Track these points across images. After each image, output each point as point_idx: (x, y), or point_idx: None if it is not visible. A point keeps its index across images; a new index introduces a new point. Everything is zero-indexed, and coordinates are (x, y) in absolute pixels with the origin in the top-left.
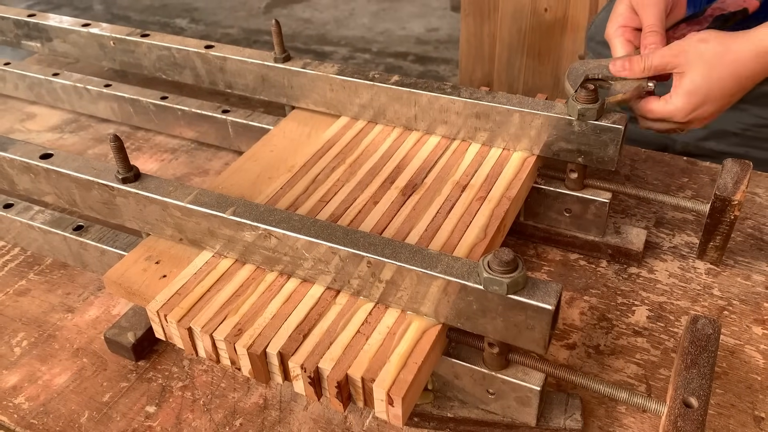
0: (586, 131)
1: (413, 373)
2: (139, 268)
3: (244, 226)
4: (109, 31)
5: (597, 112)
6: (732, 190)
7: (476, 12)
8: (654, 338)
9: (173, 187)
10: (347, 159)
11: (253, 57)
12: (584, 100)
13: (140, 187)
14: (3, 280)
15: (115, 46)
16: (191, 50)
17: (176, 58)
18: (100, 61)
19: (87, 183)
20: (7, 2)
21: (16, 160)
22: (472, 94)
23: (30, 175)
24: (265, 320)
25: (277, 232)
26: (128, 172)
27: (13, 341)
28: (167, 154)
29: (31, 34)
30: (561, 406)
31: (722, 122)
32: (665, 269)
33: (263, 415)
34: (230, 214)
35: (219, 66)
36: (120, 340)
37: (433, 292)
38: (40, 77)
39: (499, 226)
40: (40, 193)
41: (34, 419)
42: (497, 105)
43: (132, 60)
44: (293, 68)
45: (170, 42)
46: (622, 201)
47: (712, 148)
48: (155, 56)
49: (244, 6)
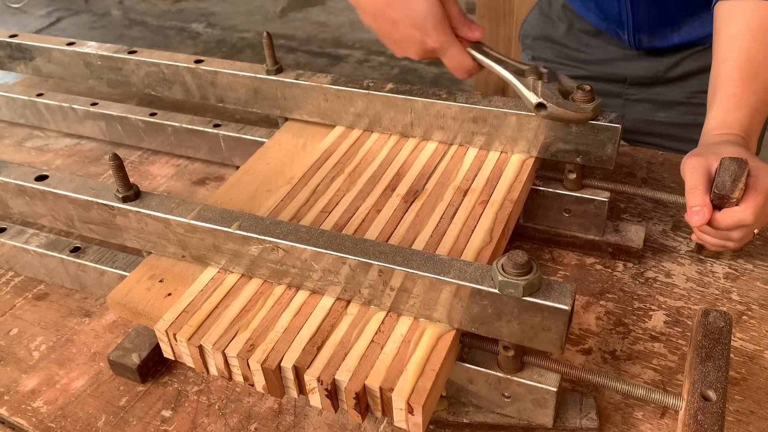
0: (583, 131)
1: (431, 381)
2: (142, 288)
3: (251, 240)
4: (95, 49)
5: (593, 112)
6: (730, 187)
7: (492, 15)
8: (671, 343)
9: (175, 203)
10: (346, 168)
11: (245, 70)
12: (581, 100)
13: (141, 205)
14: (22, 285)
15: (102, 64)
16: (181, 65)
17: (165, 74)
18: (87, 80)
19: (85, 203)
20: (27, 9)
21: (10, 183)
22: (468, 99)
23: (25, 197)
24: (277, 334)
25: (285, 245)
26: (128, 190)
27: (32, 345)
28: (183, 160)
29: (14, 55)
30: (576, 405)
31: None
32: (683, 273)
33: (278, 420)
34: (236, 228)
35: (210, 80)
36: (125, 362)
37: (447, 297)
38: (24, 98)
39: (504, 228)
40: (36, 215)
41: (52, 423)
42: (493, 108)
43: (119, 77)
44: (286, 80)
45: (159, 58)
46: (638, 204)
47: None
48: (143, 72)
49: (260, 10)
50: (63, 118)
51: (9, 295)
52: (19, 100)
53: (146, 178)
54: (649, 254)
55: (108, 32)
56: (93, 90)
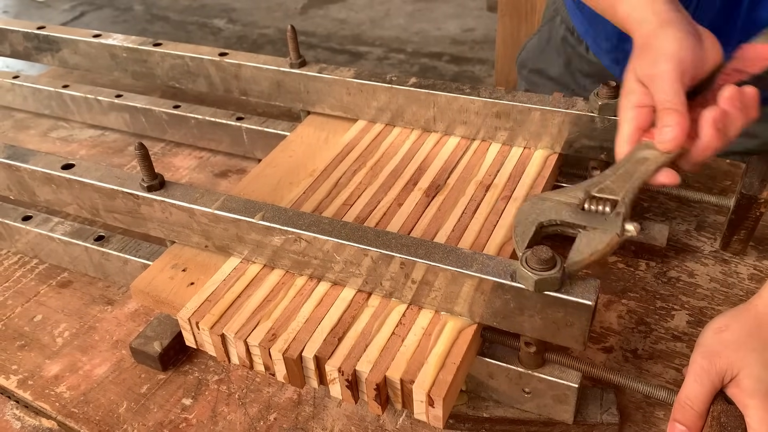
0: (608, 127)
1: (452, 374)
2: (165, 277)
3: (274, 231)
4: (120, 41)
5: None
6: (758, 188)
7: (513, 12)
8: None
9: (199, 194)
10: (368, 162)
11: (269, 63)
12: (606, 95)
13: (166, 194)
14: (46, 272)
15: (127, 56)
16: (205, 58)
17: (190, 67)
18: (112, 72)
19: (111, 192)
20: (51, 3)
21: (37, 172)
22: (491, 94)
23: (52, 186)
24: (298, 324)
25: (308, 236)
26: (153, 180)
27: (56, 331)
28: (205, 152)
29: (41, 47)
30: (596, 401)
31: None
32: (706, 273)
33: (297, 410)
34: (259, 219)
35: (234, 73)
36: (146, 350)
37: (468, 291)
38: (50, 90)
39: None
40: (62, 204)
41: (74, 408)
42: (517, 104)
43: (144, 69)
44: (309, 73)
45: (183, 50)
46: (662, 204)
47: None
48: (168, 65)
49: (280, 7)
50: (88, 110)
51: (33, 282)
52: (45, 91)
53: (169, 170)
54: (672, 254)
55: (130, 27)
56: (116, 82)
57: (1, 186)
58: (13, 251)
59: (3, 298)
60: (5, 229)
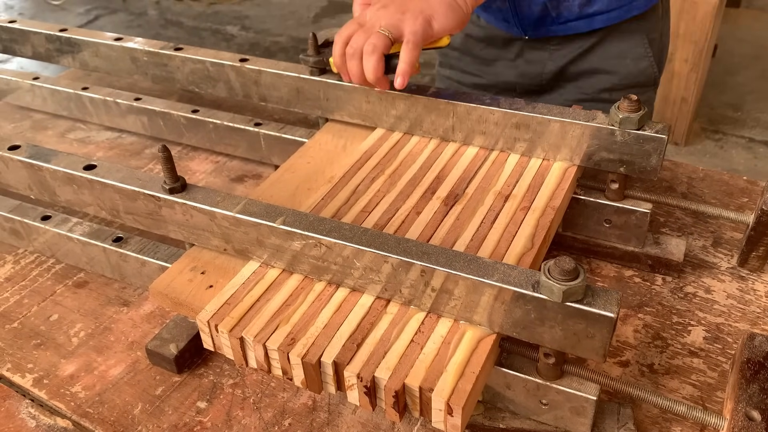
0: (628, 141)
1: (472, 383)
2: (184, 279)
3: (294, 236)
4: (141, 45)
5: (639, 122)
6: None
7: None
8: (711, 360)
9: (221, 197)
10: (386, 170)
11: (289, 70)
12: (627, 109)
13: (187, 197)
14: (62, 272)
15: (148, 60)
16: (226, 63)
17: (210, 72)
18: (132, 75)
19: (132, 194)
20: (66, 6)
21: (59, 172)
22: (511, 105)
23: (73, 186)
24: (317, 330)
25: (328, 241)
26: (175, 182)
27: (71, 331)
28: (222, 157)
29: (63, 49)
30: (613, 415)
31: None
32: (723, 290)
33: (312, 416)
34: (280, 223)
35: (254, 79)
36: (162, 352)
37: (488, 300)
38: (69, 91)
39: (545, 235)
40: (82, 204)
41: (89, 408)
42: (537, 115)
43: (164, 73)
44: (330, 81)
45: (204, 55)
46: (678, 219)
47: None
48: (188, 69)
49: (293, 15)
50: (106, 112)
51: (50, 282)
52: (64, 92)
53: (185, 174)
54: (688, 269)
55: (144, 31)
56: (133, 85)
57: (22, 185)
58: (30, 250)
59: (19, 297)
60: (24, 228)
